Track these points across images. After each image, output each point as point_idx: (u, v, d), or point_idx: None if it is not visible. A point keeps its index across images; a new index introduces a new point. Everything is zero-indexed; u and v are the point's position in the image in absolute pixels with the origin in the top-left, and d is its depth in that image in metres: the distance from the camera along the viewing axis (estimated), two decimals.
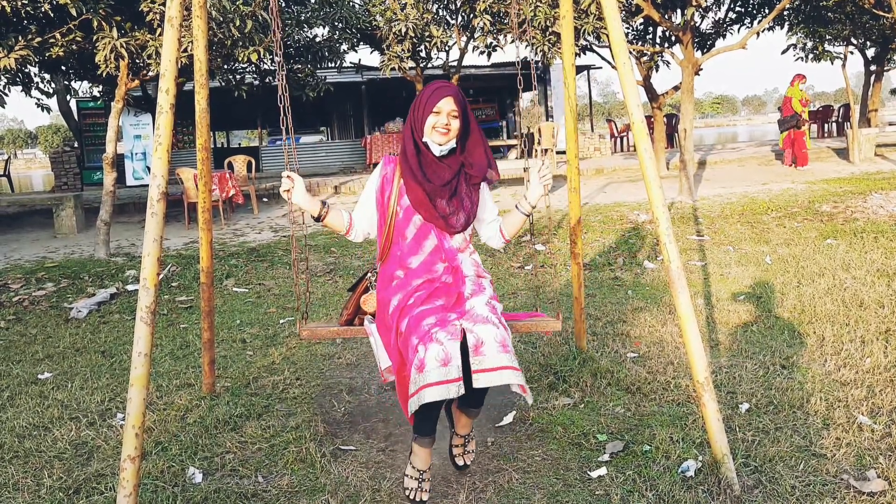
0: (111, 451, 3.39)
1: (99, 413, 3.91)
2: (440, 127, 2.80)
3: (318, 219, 2.92)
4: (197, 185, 4.33)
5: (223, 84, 11.17)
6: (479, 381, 2.55)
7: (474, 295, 2.82)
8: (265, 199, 14.63)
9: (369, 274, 3.10)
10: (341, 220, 2.96)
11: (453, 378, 2.51)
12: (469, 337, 2.61)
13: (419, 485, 2.77)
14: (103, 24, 8.10)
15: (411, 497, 2.77)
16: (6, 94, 10.55)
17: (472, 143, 2.92)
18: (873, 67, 21.85)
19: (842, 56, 16.03)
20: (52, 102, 19.18)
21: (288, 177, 2.86)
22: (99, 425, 3.72)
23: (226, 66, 10.15)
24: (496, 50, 12.48)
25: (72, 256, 9.11)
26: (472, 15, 12.08)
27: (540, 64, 13.84)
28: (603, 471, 2.98)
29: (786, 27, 15.98)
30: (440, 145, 2.84)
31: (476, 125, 2.93)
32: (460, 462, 3.03)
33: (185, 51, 7.64)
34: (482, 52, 12.62)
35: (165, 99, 2.80)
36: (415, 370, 2.56)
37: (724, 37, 14.89)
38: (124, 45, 8.18)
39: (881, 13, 12.50)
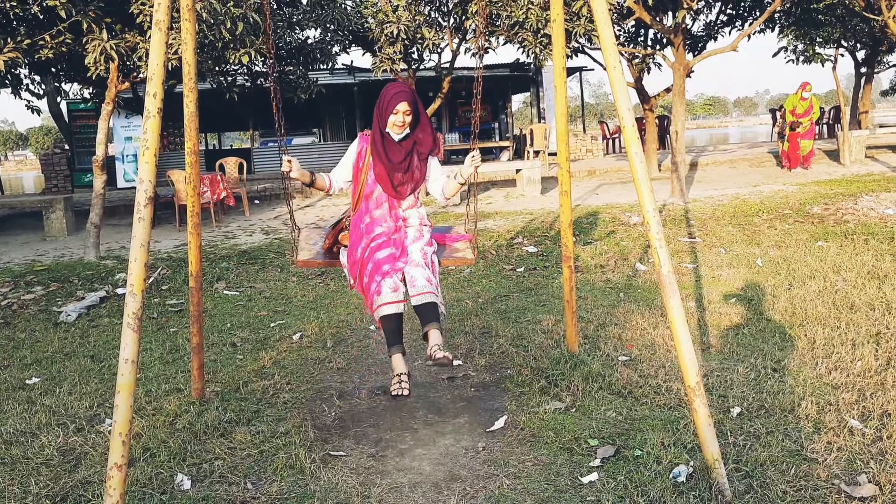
0: (99, 457, 3.36)
1: (87, 419, 3.87)
2: (398, 123, 3.85)
3: (309, 184, 3.97)
4: None
5: (214, 86, 11.13)
6: (415, 300, 3.76)
7: (415, 241, 3.95)
8: (257, 202, 14.59)
9: (345, 218, 4.20)
10: (324, 183, 4.05)
11: (401, 299, 3.78)
12: (407, 275, 3.83)
13: (400, 384, 3.76)
14: (93, 25, 8.06)
15: (395, 394, 3.77)
16: None
17: (421, 129, 3.96)
18: (864, 69, 21.99)
19: (832, 58, 16.11)
20: (43, 104, 19.06)
21: (288, 161, 3.75)
22: (87, 431, 3.69)
23: (217, 68, 10.09)
24: (488, 52, 12.47)
25: (61, 259, 9.05)
26: (463, 17, 12.07)
27: (532, 66, 13.85)
28: (594, 476, 2.97)
29: (777, 29, 16.04)
30: (397, 135, 3.91)
31: (425, 115, 3.99)
32: (438, 355, 3.58)
33: (176, 53, 7.60)
34: (474, 54, 12.60)
35: (153, 103, 2.78)
36: (375, 294, 3.77)
37: (715, 39, 14.95)
38: (114, 46, 8.14)
39: (871, 16, 12.56)
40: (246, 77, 12.07)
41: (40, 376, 4.67)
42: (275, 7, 11.51)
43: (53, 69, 11.25)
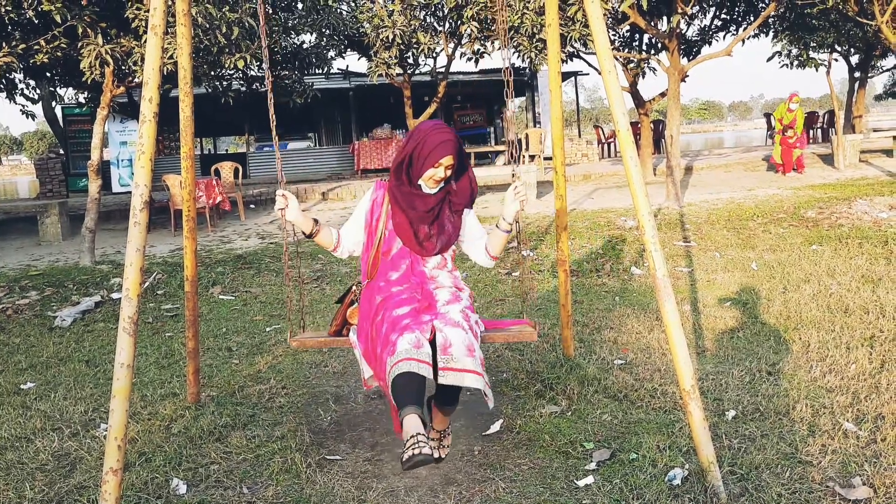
0: (94, 462, 3.35)
1: (82, 423, 3.87)
2: (437, 178, 3.05)
3: (309, 236, 3.15)
4: None
5: (210, 91, 11.13)
6: (445, 378, 2.73)
7: (449, 304, 3.04)
8: (252, 206, 14.57)
9: (354, 287, 3.35)
10: (330, 238, 3.21)
11: (424, 359, 2.72)
12: (438, 336, 2.81)
13: (417, 443, 2.55)
14: (88, 30, 8.06)
15: (415, 453, 2.52)
16: None
17: (460, 176, 3.16)
18: (857, 74, 22.09)
19: (826, 63, 16.19)
20: (37, 109, 19.01)
21: (283, 196, 3.05)
22: (82, 436, 3.68)
23: (212, 73, 10.10)
24: (483, 56, 12.50)
25: (56, 264, 9.03)
26: (459, 22, 12.09)
27: (527, 70, 13.88)
28: (590, 479, 2.97)
29: (771, 34, 16.11)
30: (431, 189, 3.10)
31: (467, 162, 3.18)
32: (436, 454, 3.03)
33: (171, 58, 7.60)
34: (469, 59, 12.64)
35: (148, 108, 2.78)
36: (387, 356, 2.78)
37: (709, 44, 14.98)
38: (109, 51, 8.14)
39: (865, 21, 12.61)
40: (241, 82, 12.08)
41: (35, 381, 4.66)
42: (270, 12, 11.51)
43: (48, 74, 11.25)
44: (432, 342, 2.80)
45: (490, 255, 3.25)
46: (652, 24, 12.53)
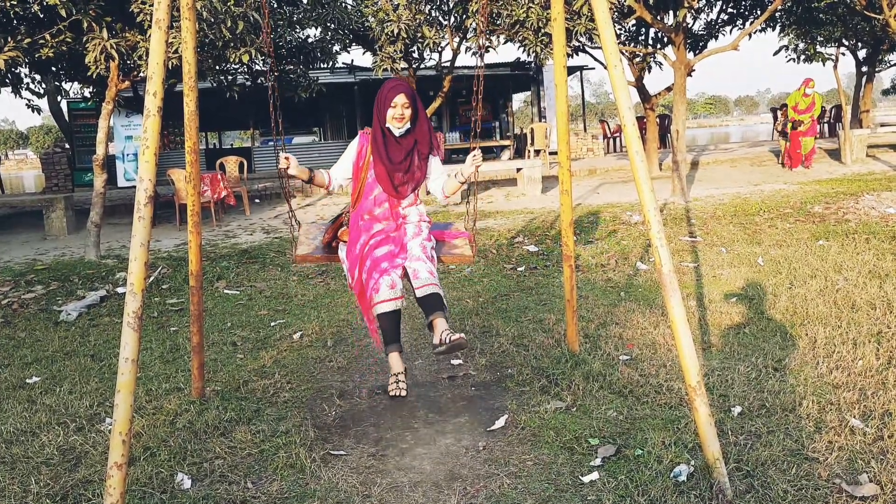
0: (99, 456, 3.35)
1: (87, 418, 3.87)
2: (396, 116, 3.88)
3: (308, 180, 4.00)
4: None
5: (215, 85, 11.12)
6: (419, 292, 3.78)
7: (414, 237, 3.98)
8: (257, 201, 14.59)
9: (344, 214, 4.20)
10: (323, 179, 4.09)
11: (398, 296, 3.82)
12: (409, 269, 3.86)
13: (397, 384, 3.92)
14: (93, 24, 8.05)
15: (392, 394, 3.91)
16: None
17: (420, 126, 3.97)
18: (865, 68, 21.98)
19: (833, 57, 16.09)
20: (43, 103, 19.03)
21: (286, 157, 3.80)
22: (87, 430, 3.69)
23: (217, 67, 10.09)
24: (489, 51, 12.47)
25: (62, 258, 9.05)
26: (464, 16, 12.07)
27: (533, 65, 13.84)
28: (595, 476, 2.96)
29: (778, 28, 16.03)
30: (398, 129, 3.92)
31: (424, 113, 4.01)
32: (453, 337, 3.62)
33: (176, 52, 7.59)
34: (475, 53, 12.60)
35: (153, 102, 2.77)
36: (373, 292, 3.80)
37: (716, 38, 14.93)
38: (114, 45, 8.13)
39: (872, 15, 12.54)
40: (246, 76, 12.07)
41: (40, 375, 4.67)
42: (275, 6, 11.51)
43: (54, 68, 11.25)
44: (404, 276, 3.87)
45: (444, 194, 4.11)
46: (658, 18, 12.48)
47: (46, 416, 3.89)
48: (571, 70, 22.80)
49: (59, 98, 18.85)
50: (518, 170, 13.93)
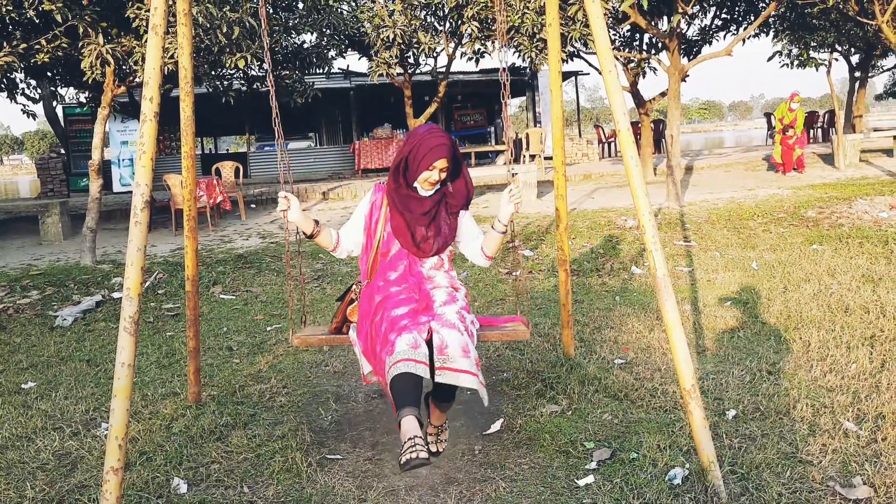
0: (95, 461, 3.35)
1: (83, 423, 3.87)
2: (431, 180, 3.14)
3: (310, 236, 3.24)
4: None
5: (210, 90, 11.13)
6: (442, 377, 2.84)
7: (446, 304, 3.11)
8: (253, 206, 14.58)
9: (354, 286, 3.43)
10: (330, 239, 3.31)
11: (421, 359, 2.83)
12: (435, 337, 2.91)
13: (414, 446, 2.61)
14: (89, 30, 8.06)
15: (406, 460, 2.58)
16: None
17: (456, 178, 3.26)
18: (858, 73, 22.08)
19: (827, 62, 16.18)
20: (38, 108, 19.02)
21: (285, 197, 3.14)
22: (83, 435, 3.69)
23: (213, 73, 10.10)
24: (484, 56, 12.50)
25: (57, 264, 9.03)
26: (459, 21, 12.09)
27: (528, 70, 13.88)
28: (590, 479, 2.97)
29: (771, 34, 16.10)
30: (427, 192, 3.19)
31: (463, 164, 3.29)
32: (433, 448, 3.15)
33: (172, 57, 7.60)
34: (470, 59, 12.64)
35: (149, 107, 2.78)
36: (386, 355, 2.88)
37: (710, 43, 14.97)
38: (110, 51, 8.13)
39: (865, 21, 12.61)
40: (242, 81, 12.08)
41: (36, 381, 4.66)
42: (271, 11, 11.52)
43: (49, 73, 11.25)
44: (429, 342, 2.90)
45: (486, 255, 3.34)
46: (652, 23, 12.52)
47: (42, 422, 3.89)
48: (566, 75, 22.86)
49: (54, 103, 18.84)
50: (513, 174, 13.94)
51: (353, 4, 13.82)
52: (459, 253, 3.47)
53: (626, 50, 14.98)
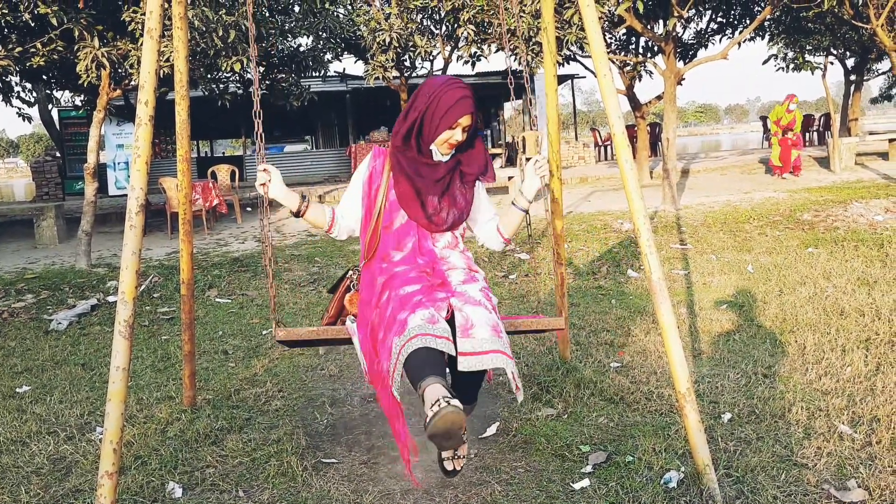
0: (90, 465, 3.34)
1: (78, 427, 3.86)
2: (452, 140, 2.69)
3: (297, 214, 2.79)
4: None
5: (206, 93, 11.13)
6: (466, 363, 2.30)
7: (466, 283, 2.65)
8: (249, 209, 14.56)
9: (351, 272, 2.99)
10: (323, 215, 2.82)
11: (441, 334, 2.27)
12: (458, 316, 2.41)
13: (446, 400, 2.14)
14: (84, 33, 8.05)
15: (442, 408, 2.12)
16: None
17: (471, 140, 2.80)
18: (853, 77, 22.16)
19: (822, 66, 16.22)
20: (34, 112, 19.05)
21: (264, 170, 2.72)
22: (78, 439, 3.68)
23: (209, 76, 10.10)
24: (480, 59, 12.53)
25: (52, 267, 9.01)
26: (456, 25, 12.12)
27: (524, 73, 13.87)
28: (586, 482, 2.97)
29: (767, 37, 16.15)
30: (444, 155, 2.75)
31: (480, 124, 2.80)
32: (449, 467, 2.59)
33: (168, 60, 7.60)
34: (466, 62, 12.66)
35: (144, 111, 2.78)
36: (396, 336, 2.33)
37: (705, 47, 15.03)
38: (106, 54, 8.13)
39: (860, 24, 12.66)
40: (238, 84, 12.07)
41: (31, 385, 4.65)
42: (267, 15, 11.53)
43: (45, 76, 11.23)
44: (450, 322, 2.37)
45: (503, 236, 2.91)
46: (648, 27, 12.56)
47: (37, 426, 3.87)
48: (562, 78, 22.90)
49: (49, 106, 18.81)
50: (510, 178, 13.96)
51: (350, 8, 13.84)
52: (468, 235, 2.99)
53: (622, 53, 15.02)
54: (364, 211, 2.79)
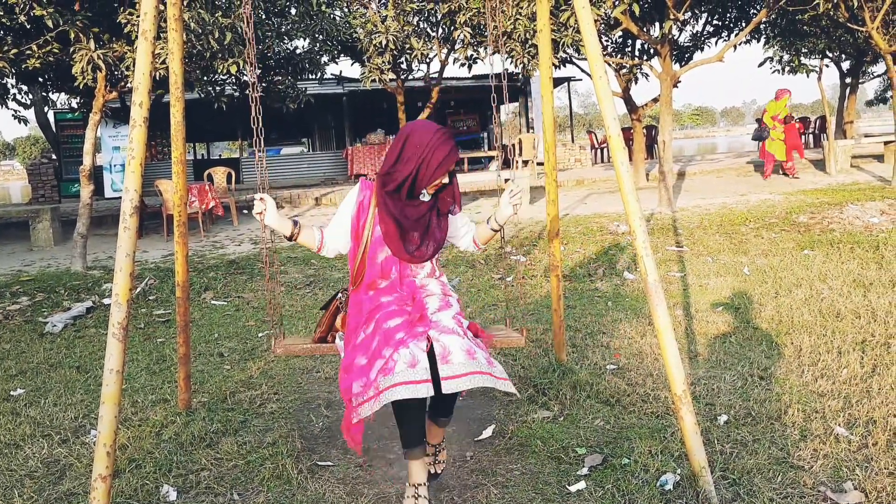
0: (84, 468, 3.33)
1: (72, 430, 3.84)
2: (438, 184, 2.95)
3: (290, 238, 3.05)
4: None
5: (203, 96, 11.11)
6: (448, 387, 2.64)
7: (440, 310, 2.94)
8: (245, 211, 14.53)
9: (340, 294, 3.32)
10: (313, 239, 3.09)
11: (421, 378, 2.62)
12: (436, 346, 2.72)
13: (416, 501, 2.77)
14: (80, 35, 8.04)
15: None
16: None
17: (451, 179, 3.05)
18: (848, 80, 22.20)
19: (817, 69, 16.25)
20: (30, 114, 19.00)
21: (261, 199, 2.97)
22: (72, 442, 3.66)
23: (205, 78, 10.08)
24: (476, 62, 12.53)
25: (48, 269, 8.99)
26: (452, 27, 12.12)
27: (520, 76, 13.91)
28: (582, 485, 2.97)
29: (762, 40, 16.18)
30: (429, 195, 3.00)
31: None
32: (432, 470, 3.02)
33: (163, 62, 7.58)
34: (462, 65, 12.67)
35: (139, 112, 2.77)
36: (381, 375, 2.66)
37: (701, 49, 15.05)
38: (102, 56, 8.12)
39: (855, 27, 12.69)
40: (234, 87, 12.06)
41: (25, 387, 4.63)
42: (264, 17, 11.52)
43: (40, 79, 11.21)
44: (430, 353, 2.72)
45: (477, 245, 3.27)
46: (644, 29, 12.58)
47: (31, 429, 3.86)
48: (559, 81, 22.93)
49: (45, 109, 18.76)
50: (506, 180, 13.94)
51: (346, 10, 13.83)
52: (449, 244, 3.30)
53: (618, 56, 15.03)
54: (352, 241, 3.06)
